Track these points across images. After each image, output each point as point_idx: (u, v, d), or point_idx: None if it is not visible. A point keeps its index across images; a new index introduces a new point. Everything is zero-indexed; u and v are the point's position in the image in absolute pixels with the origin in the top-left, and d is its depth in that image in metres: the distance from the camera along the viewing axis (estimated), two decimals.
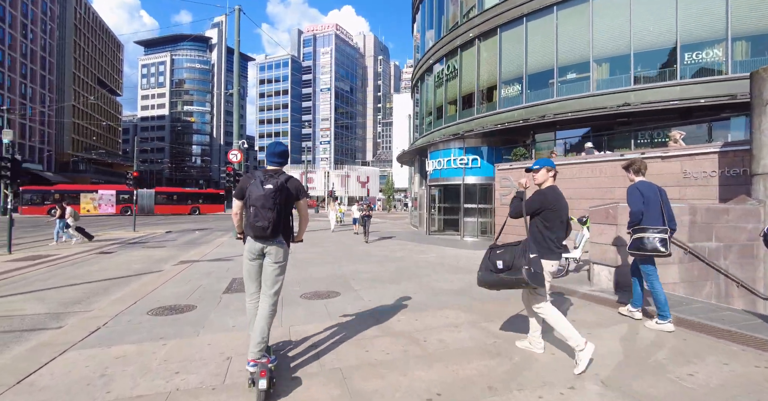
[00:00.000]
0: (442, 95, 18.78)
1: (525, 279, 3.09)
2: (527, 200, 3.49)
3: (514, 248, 3.28)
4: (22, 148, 50.37)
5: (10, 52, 48.66)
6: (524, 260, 3.14)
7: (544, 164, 3.58)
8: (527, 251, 3.16)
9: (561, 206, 3.46)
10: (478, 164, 16.07)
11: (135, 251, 12.63)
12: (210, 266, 9.15)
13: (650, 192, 4.16)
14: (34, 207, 33.12)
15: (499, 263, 3.26)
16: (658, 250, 4.04)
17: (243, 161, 16.06)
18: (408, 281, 7.11)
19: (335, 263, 9.32)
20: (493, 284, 3.33)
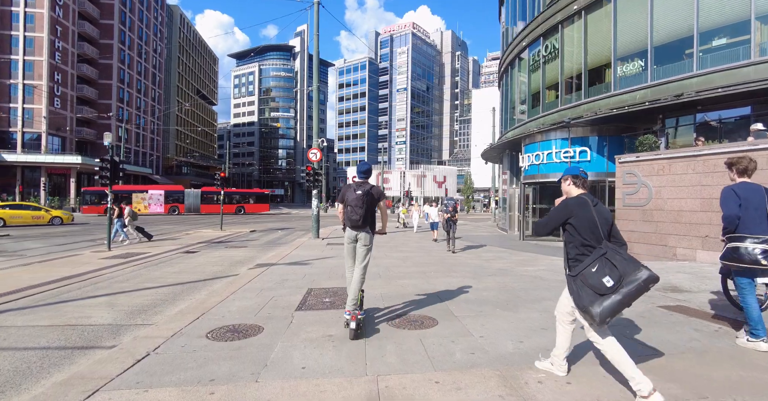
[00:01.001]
0: (538, 80, 16.45)
1: (655, 275, 2.58)
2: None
3: (602, 259, 2.71)
4: (136, 154, 56.95)
5: (129, 71, 55.28)
6: (628, 259, 2.67)
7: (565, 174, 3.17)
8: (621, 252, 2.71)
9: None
10: (586, 156, 13.59)
11: (217, 251, 12.48)
12: (286, 270, 8.31)
13: (752, 195, 3.58)
14: (93, 207, 35.12)
15: (606, 281, 2.64)
16: (759, 263, 3.43)
17: (323, 160, 15.40)
18: (526, 307, 5.43)
19: (423, 275, 7.92)
20: (619, 308, 2.65)
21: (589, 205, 2.86)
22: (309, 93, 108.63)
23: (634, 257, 2.73)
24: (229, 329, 4.47)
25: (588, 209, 2.84)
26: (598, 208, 2.88)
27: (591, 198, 2.94)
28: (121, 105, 53.24)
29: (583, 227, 2.82)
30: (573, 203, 2.91)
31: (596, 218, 2.80)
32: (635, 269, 2.60)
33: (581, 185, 3.04)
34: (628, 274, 2.60)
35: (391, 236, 16.62)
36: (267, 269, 8.58)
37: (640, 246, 9.91)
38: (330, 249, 12.10)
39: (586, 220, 2.81)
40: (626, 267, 2.62)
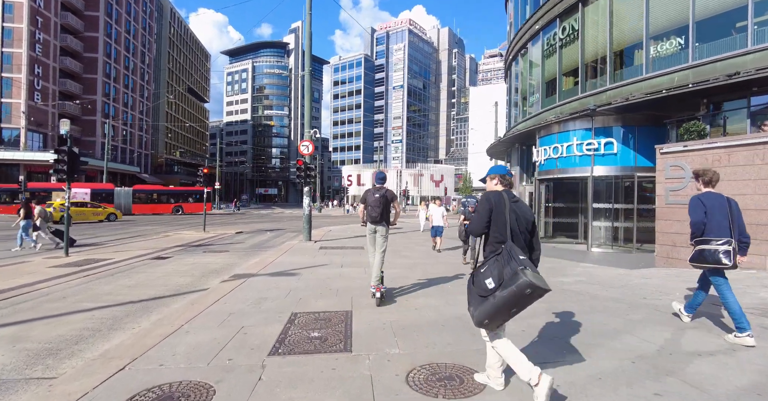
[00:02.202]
0: (554, 66, 14.91)
1: (529, 281, 2.31)
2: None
3: (498, 257, 2.57)
4: (123, 151, 54.87)
5: (115, 65, 53.18)
6: (515, 262, 2.44)
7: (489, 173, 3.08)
8: (515, 254, 2.49)
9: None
10: (612, 149, 12.07)
11: (192, 256, 10.80)
12: (267, 284, 6.68)
13: (716, 203, 3.96)
14: (3, 206, 30.52)
15: (488, 282, 2.49)
16: (721, 262, 3.82)
17: (317, 158, 13.72)
18: (600, 348, 3.84)
19: (441, 292, 6.31)
20: (495, 312, 2.45)
21: (505, 201, 2.77)
22: (304, 90, 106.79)
23: (531, 262, 2.58)
24: (164, 394, 2.84)
25: (502, 204, 2.75)
26: (515, 205, 2.78)
27: (510, 195, 2.85)
28: (108, 101, 51.16)
29: (498, 223, 2.73)
30: (492, 196, 2.82)
31: (507, 215, 2.70)
32: (515, 273, 2.40)
33: (507, 184, 2.97)
34: (508, 277, 2.43)
35: (390, 239, 15.01)
36: (244, 281, 6.94)
37: (687, 251, 8.32)
38: (323, 255, 10.46)
39: (501, 215, 2.72)
40: (510, 270, 2.45)
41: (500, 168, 3.06)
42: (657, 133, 11.89)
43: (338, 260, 9.57)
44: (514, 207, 2.75)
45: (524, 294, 2.34)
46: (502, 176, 2.97)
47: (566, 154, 12.97)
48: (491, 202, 2.77)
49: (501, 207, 2.73)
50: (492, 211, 2.74)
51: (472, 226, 2.86)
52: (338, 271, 8.04)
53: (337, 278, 7.24)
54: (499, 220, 2.70)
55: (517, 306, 2.43)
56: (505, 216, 2.69)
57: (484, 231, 2.80)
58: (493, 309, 2.43)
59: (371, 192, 5.66)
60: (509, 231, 2.65)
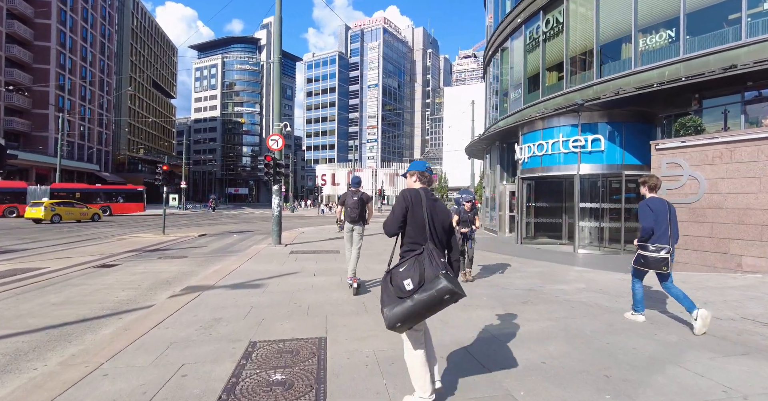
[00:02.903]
0: (537, 61, 14.38)
1: (449, 287, 2.23)
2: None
3: (418, 258, 2.41)
4: (81, 148, 51.42)
5: (71, 56, 49.70)
6: (436, 265, 2.33)
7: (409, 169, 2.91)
8: (435, 256, 2.38)
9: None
10: (600, 146, 11.58)
11: (143, 264, 9.51)
12: (224, 300, 5.61)
13: (660, 208, 4.25)
14: None
15: (407, 283, 2.34)
16: (660, 268, 4.21)
17: (289, 156, 12.61)
18: (635, 381, 3.06)
19: None
20: (410, 315, 2.30)
21: (422, 199, 2.61)
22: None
23: (449, 265, 2.57)
24: None
25: (420, 203, 2.60)
26: (434, 205, 2.63)
27: (428, 193, 2.69)
28: (62, 94, 47.69)
29: (414, 222, 2.58)
30: (409, 195, 2.64)
31: (426, 214, 2.56)
32: (436, 277, 2.28)
33: (426, 182, 2.83)
34: (429, 281, 2.30)
35: (369, 240, 14.09)
36: (197, 296, 5.85)
37: (687, 254, 7.86)
38: (293, 261, 9.41)
39: (419, 214, 2.57)
40: (431, 273, 2.32)
41: (419, 164, 2.92)
42: (644, 130, 11.50)
43: (311, 267, 8.55)
44: (432, 206, 2.62)
45: (443, 299, 2.27)
46: (421, 173, 2.84)
47: (551, 151, 12.41)
48: (408, 200, 2.62)
49: (418, 206, 2.59)
50: (408, 209, 2.60)
51: (386, 225, 2.66)
52: (310, 281, 7.03)
53: (308, 291, 6.24)
54: (417, 219, 2.57)
55: (432, 310, 2.33)
56: (423, 215, 2.56)
57: (399, 231, 2.64)
58: (408, 311, 2.30)
59: (349, 195, 6.43)
60: (428, 231, 2.53)
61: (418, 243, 2.52)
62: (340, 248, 11.76)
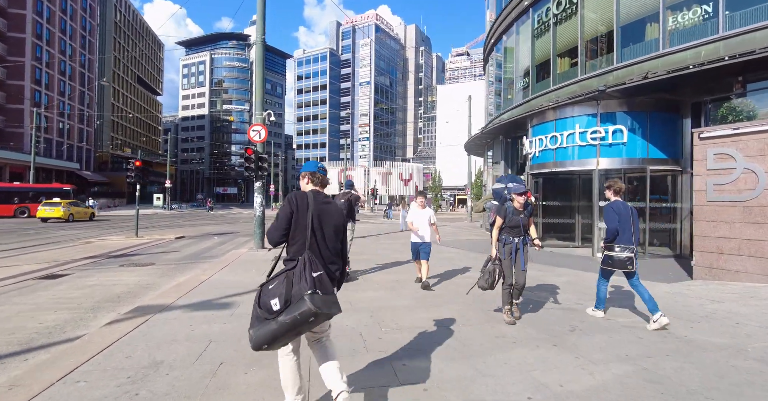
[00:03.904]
0: (547, 47, 13.17)
1: (312, 311, 2.03)
2: None
3: (289, 273, 2.21)
4: (59, 145, 49.22)
5: (49, 49, 47.45)
6: (305, 282, 2.12)
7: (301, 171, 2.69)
8: (308, 269, 2.16)
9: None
10: (622, 137, 10.38)
11: (99, 274, 8.05)
12: (176, 330, 4.24)
13: (624, 211, 4.53)
14: None
15: (274, 303, 2.11)
16: (626, 267, 4.49)
17: (279, 155, 11.18)
18: None
19: (458, 346, 4.13)
20: (275, 338, 2.10)
21: (309, 202, 2.38)
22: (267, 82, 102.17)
23: (326, 278, 2.22)
24: None
25: (305, 207, 2.37)
26: (324, 208, 2.42)
27: (319, 195, 2.47)
28: (39, 88, 45.46)
29: (298, 228, 2.35)
30: (295, 198, 2.41)
31: (309, 220, 2.33)
32: (301, 298, 2.07)
33: (319, 183, 2.58)
34: (295, 301, 2.09)
35: (360, 243, 12.75)
36: (144, 322, 4.48)
37: (741, 260, 6.67)
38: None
39: (303, 219, 2.35)
40: (297, 292, 2.10)
41: (310, 165, 2.64)
42: (670, 120, 10.35)
43: None
44: (321, 210, 2.40)
45: (307, 322, 2.06)
46: (312, 174, 2.59)
47: (567, 144, 11.19)
48: (293, 204, 2.37)
49: (304, 210, 2.36)
50: (293, 214, 2.35)
51: (269, 232, 2.39)
52: None
53: None
54: (300, 225, 2.34)
55: (299, 332, 2.15)
56: (306, 221, 2.33)
57: (283, 239, 2.37)
58: (272, 334, 2.08)
59: (338, 197, 6.84)
60: (308, 239, 2.29)
61: (301, 253, 2.28)
62: None
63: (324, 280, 2.20)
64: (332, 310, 2.14)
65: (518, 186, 4.54)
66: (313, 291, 2.08)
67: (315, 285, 2.11)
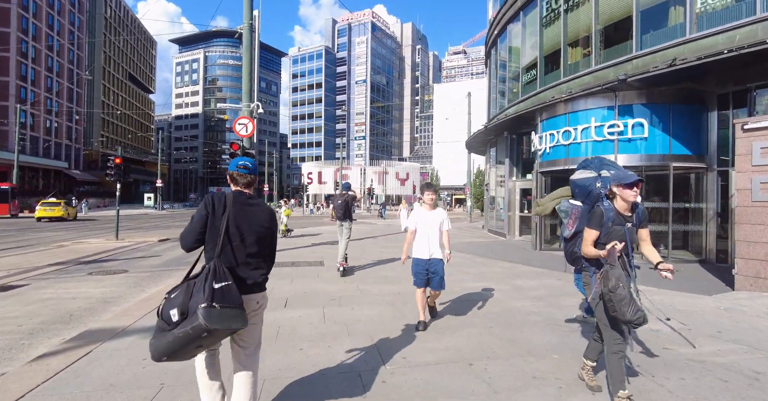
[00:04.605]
0: (557, 35, 12.31)
1: (203, 326, 1.86)
2: None
3: (190, 282, 2.04)
4: (48, 144, 47.85)
5: (35, 44, 46.07)
6: (202, 293, 1.93)
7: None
8: (210, 280, 1.98)
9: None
10: (642, 132, 9.53)
11: (61, 283, 7.08)
12: (122, 368, 3.30)
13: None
14: None
15: (173, 314, 1.95)
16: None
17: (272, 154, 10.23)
18: None
19: (480, 386, 3.20)
20: (172, 351, 1.95)
21: (227, 204, 2.20)
22: (261, 82, 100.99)
23: (235, 293, 2.02)
24: None
25: (222, 208, 2.18)
26: (245, 210, 2.23)
27: (241, 196, 2.28)
28: (24, 84, 44.10)
29: (212, 232, 2.16)
30: (212, 200, 2.23)
31: (224, 222, 2.14)
32: (194, 312, 1.89)
33: (244, 184, 2.37)
34: (191, 313, 1.92)
35: (357, 246, 11.81)
36: (86, 355, 3.56)
37: None
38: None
39: (217, 222, 2.17)
40: (194, 304, 1.92)
41: (232, 163, 2.43)
42: (695, 113, 9.52)
43: (283, 289, 6.25)
44: (239, 213, 2.22)
45: (200, 337, 1.90)
46: (231, 174, 2.39)
47: (581, 139, 10.32)
48: (209, 206, 2.19)
49: (219, 213, 2.18)
50: (209, 217, 2.16)
51: (182, 236, 2.19)
52: (277, 319, 4.72)
53: (269, 342, 3.94)
54: (214, 229, 2.16)
55: (197, 347, 1.99)
56: (220, 223, 2.15)
57: (197, 245, 2.19)
58: (169, 347, 1.93)
59: (336, 198, 7.93)
60: (219, 245, 2.11)
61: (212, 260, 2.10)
62: (325, 258, 9.51)
63: (229, 291, 2.00)
64: (231, 325, 1.96)
65: (623, 174, 2.72)
66: (208, 304, 1.91)
67: (213, 298, 1.93)
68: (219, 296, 1.95)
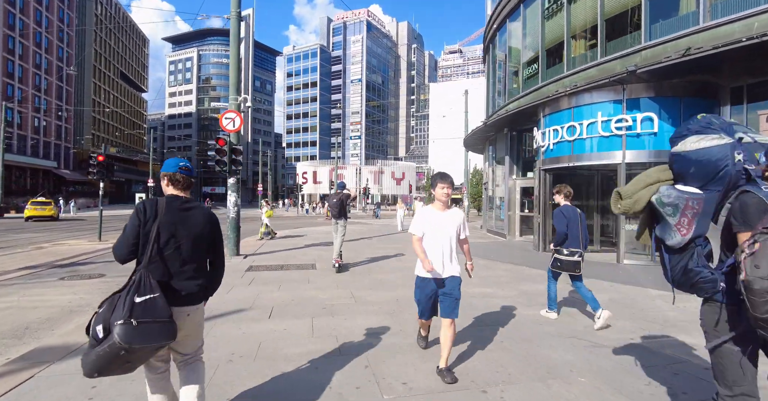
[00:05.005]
0: (560, 28, 11.84)
1: (118, 345, 1.75)
2: None
3: (116, 296, 1.93)
4: (37, 143, 46.85)
5: (22, 40, 45.04)
6: (121, 309, 1.82)
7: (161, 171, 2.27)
8: (132, 293, 1.86)
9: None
10: (652, 127, 9.05)
11: (26, 289, 6.48)
12: (72, 399, 2.70)
13: (572, 216, 4.64)
14: None
15: (99, 330, 1.86)
16: (573, 270, 4.58)
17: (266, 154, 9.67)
18: None
19: None
20: (98, 368, 1.84)
21: (160, 210, 2.05)
22: (256, 81, 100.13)
23: (160, 306, 1.88)
24: None
25: (154, 214, 2.03)
26: (179, 216, 2.08)
27: (174, 201, 2.12)
28: (11, 81, 43.09)
29: (144, 239, 2.01)
30: (144, 205, 2.07)
31: (155, 230, 1.99)
32: (113, 326, 1.78)
33: (182, 186, 2.21)
34: (111, 329, 1.79)
35: (352, 248, 11.24)
36: (26, 381, 3.04)
37: None
38: (247, 283, 6.50)
39: (148, 229, 2.02)
40: (113, 320, 1.80)
41: (170, 164, 2.24)
42: (706, 107, 9.05)
43: (269, 297, 5.67)
44: (179, 218, 2.08)
45: (118, 355, 1.79)
46: (172, 175, 2.19)
47: (587, 135, 9.83)
48: (141, 213, 2.04)
49: (151, 220, 2.03)
50: (141, 225, 2.02)
51: (115, 247, 2.04)
52: (260, 331, 4.16)
53: (248, 360, 3.38)
54: (145, 238, 2.02)
55: (130, 361, 1.87)
56: (151, 231, 2.01)
57: (132, 256, 2.03)
58: (96, 365, 1.82)
59: (331, 197, 8.21)
60: (147, 254, 1.98)
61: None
62: (317, 260, 8.95)
63: (153, 305, 1.87)
64: (153, 342, 1.84)
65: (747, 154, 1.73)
66: (125, 321, 1.78)
67: (131, 313, 1.80)
68: (139, 311, 1.83)
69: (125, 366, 1.89)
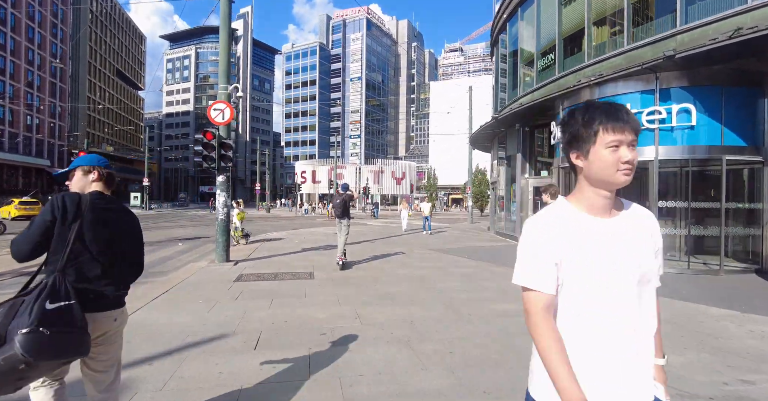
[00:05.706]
0: (579, 15, 10.94)
1: (19, 357, 1.49)
2: None
3: (18, 300, 1.68)
4: (28, 141, 45.83)
5: (14, 36, 44.01)
6: (29, 316, 1.58)
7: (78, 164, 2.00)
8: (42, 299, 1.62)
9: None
10: (690, 119, 8.15)
11: None
12: None
13: None
14: None
15: None
16: None
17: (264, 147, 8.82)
18: None
19: None
20: None
21: (81, 207, 1.81)
22: (254, 79, 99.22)
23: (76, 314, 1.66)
24: None
25: (72, 212, 1.78)
26: (105, 215, 1.88)
27: (97, 199, 1.89)
28: (1, 77, 42.06)
29: (58, 242, 1.76)
30: (62, 200, 1.79)
31: (72, 232, 1.76)
32: (12, 338, 1.51)
33: (108, 184, 2.02)
34: (9, 340, 1.53)
35: (353, 252, 10.32)
36: None
37: None
38: (233, 298, 5.56)
39: (64, 230, 1.77)
40: (14, 329, 1.55)
41: (94, 158, 2.03)
42: (747, 97, 8.18)
43: (257, 317, 4.73)
44: (102, 218, 1.87)
45: (16, 369, 1.51)
46: (102, 170, 2.00)
47: None
48: (57, 210, 1.76)
49: (70, 218, 1.78)
50: (54, 223, 1.76)
51: (15, 242, 1.76)
52: (239, 371, 3.22)
53: None
54: (61, 238, 1.76)
55: (23, 378, 1.60)
56: (70, 230, 1.76)
57: (34, 255, 1.78)
58: None
59: (335, 197, 8.50)
60: (64, 257, 1.74)
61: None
62: (316, 267, 8.03)
63: (68, 313, 1.63)
64: (63, 356, 1.64)
65: None
66: (32, 330, 1.52)
67: (41, 321, 1.55)
68: (52, 319, 1.59)
69: (18, 383, 1.61)
